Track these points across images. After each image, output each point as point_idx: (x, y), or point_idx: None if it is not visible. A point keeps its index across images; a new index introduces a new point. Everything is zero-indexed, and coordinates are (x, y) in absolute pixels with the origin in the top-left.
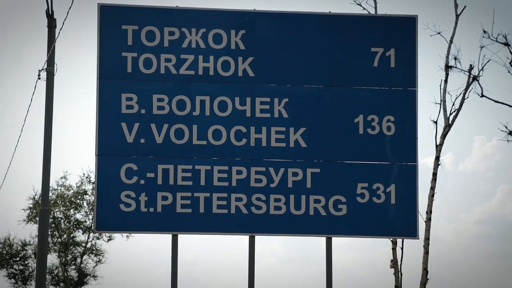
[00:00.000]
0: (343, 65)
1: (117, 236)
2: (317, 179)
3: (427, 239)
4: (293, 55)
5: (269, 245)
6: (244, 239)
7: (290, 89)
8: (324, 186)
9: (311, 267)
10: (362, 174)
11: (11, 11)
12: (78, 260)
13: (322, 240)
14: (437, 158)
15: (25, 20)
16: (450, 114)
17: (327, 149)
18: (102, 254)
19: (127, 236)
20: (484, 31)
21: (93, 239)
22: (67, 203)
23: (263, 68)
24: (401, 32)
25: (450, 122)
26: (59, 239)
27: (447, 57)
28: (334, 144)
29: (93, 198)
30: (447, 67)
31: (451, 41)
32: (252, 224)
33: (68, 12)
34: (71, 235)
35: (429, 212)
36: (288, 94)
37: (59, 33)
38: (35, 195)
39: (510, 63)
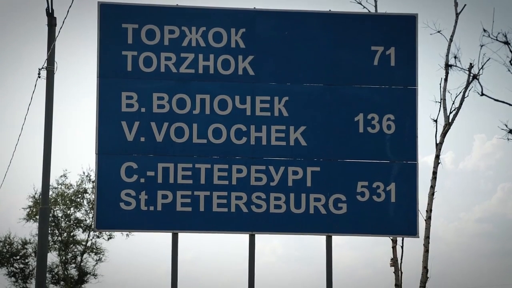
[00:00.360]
0: (343, 64)
1: (117, 234)
2: (317, 178)
3: (427, 237)
4: (293, 53)
5: (269, 243)
6: (244, 237)
7: (290, 87)
8: (324, 184)
9: (311, 266)
10: (362, 173)
11: (11, 9)
12: (78, 258)
13: (322, 238)
14: (437, 157)
15: (25, 18)
16: (450, 112)
17: (327, 147)
18: (102, 253)
19: (127, 235)
20: (484, 30)
21: (93, 237)
22: (67, 201)
23: (263, 67)
24: (401, 30)
25: (450, 121)
26: (59, 238)
27: (447, 55)
28: (334, 142)
29: (93, 196)
30: (447, 66)
31: (451, 40)
32: (252, 223)
33: (68, 11)
34: (71, 234)
35: (429, 210)
36: (288, 93)
37: (59, 31)
38: (35, 193)
39: (510, 61)
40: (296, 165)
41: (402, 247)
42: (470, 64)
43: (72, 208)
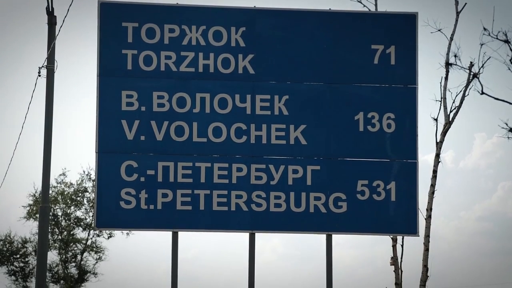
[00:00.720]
0: (343, 62)
1: (117, 233)
2: (317, 176)
3: (427, 236)
4: (293, 52)
5: (269, 242)
6: (245, 236)
7: (290, 86)
8: (324, 183)
9: (312, 264)
10: (362, 172)
11: (12, 8)
12: (78, 257)
13: (322, 237)
14: (438, 155)
15: (26, 17)
16: (451, 111)
17: (327, 146)
18: (102, 252)
19: (127, 234)
20: (485, 28)
21: (93, 236)
22: (68, 200)
23: (263, 65)
24: (402, 29)
25: (450, 120)
26: (59, 236)
27: (448, 54)
28: (334, 141)
29: (93, 195)
30: (447, 64)
31: (451, 38)
32: (252, 221)
33: (68, 9)
34: (71, 232)
35: (429, 209)
36: (288, 91)
37: (59, 30)
38: (36, 192)
39: (510, 60)
40: (296, 163)
41: (402, 245)
42: (471, 62)
43: (72, 207)
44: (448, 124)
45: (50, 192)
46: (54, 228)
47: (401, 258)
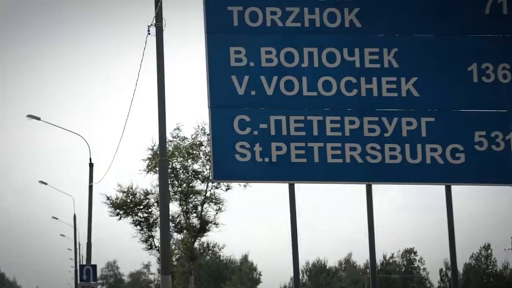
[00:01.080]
0: (453, 13)
1: (234, 185)
2: (432, 128)
3: None
4: (400, 3)
5: (388, 193)
6: (361, 187)
7: (399, 38)
8: (440, 134)
9: (432, 215)
10: (479, 123)
11: None
12: (199, 208)
13: (441, 188)
14: None
15: None
16: None
17: (440, 98)
18: (221, 203)
19: (245, 186)
20: None
21: (211, 188)
22: (185, 154)
23: (369, 19)
24: None
25: None
26: (179, 188)
27: None
28: (448, 93)
29: (208, 149)
30: None
31: None
32: (368, 173)
33: None
34: (190, 185)
35: None
36: (397, 44)
37: None
38: (153, 146)
39: None
40: (409, 115)
41: None
42: None
43: (189, 160)
44: None
45: (167, 146)
46: (174, 180)
47: None
